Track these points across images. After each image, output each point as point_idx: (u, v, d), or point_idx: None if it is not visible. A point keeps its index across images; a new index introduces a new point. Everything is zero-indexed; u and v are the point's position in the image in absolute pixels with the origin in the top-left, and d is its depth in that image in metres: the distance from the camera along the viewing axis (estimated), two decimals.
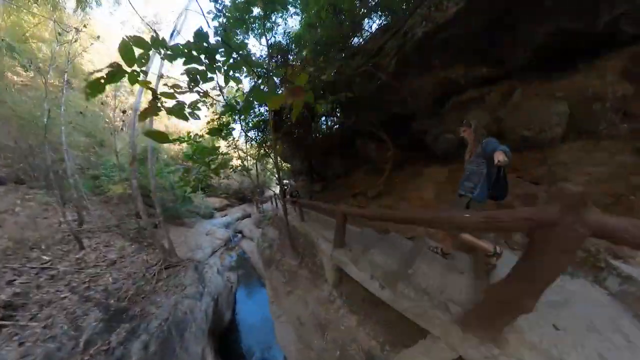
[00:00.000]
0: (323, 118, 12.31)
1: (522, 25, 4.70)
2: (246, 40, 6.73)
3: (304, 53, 8.80)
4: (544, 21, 4.48)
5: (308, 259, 6.49)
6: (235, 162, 23.67)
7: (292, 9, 8.89)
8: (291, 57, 9.49)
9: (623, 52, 4.23)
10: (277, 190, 20.59)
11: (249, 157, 23.03)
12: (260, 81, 6.16)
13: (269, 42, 8.30)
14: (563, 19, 4.31)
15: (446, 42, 5.38)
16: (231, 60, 2.24)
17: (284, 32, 9.98)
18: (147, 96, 2.30)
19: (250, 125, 11.14)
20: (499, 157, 2.39)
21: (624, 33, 4.12)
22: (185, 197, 19.56)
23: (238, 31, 6.76)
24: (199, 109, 2.30)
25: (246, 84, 11.49)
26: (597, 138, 4.27)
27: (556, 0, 4.20)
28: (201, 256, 12.61)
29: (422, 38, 5.61)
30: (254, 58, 8.86)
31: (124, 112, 12.29)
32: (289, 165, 31.18)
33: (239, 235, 17.81)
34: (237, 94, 11.02)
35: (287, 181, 25.34)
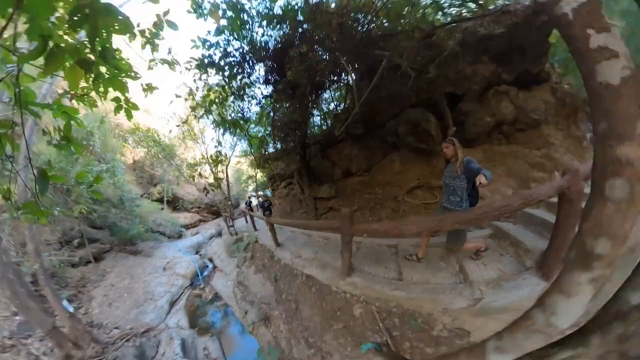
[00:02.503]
0: None
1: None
2: None
3: None
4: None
5: None
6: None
7: None
8: None
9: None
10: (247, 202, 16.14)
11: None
12: None
13: None
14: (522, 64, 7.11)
15: (493, 48, 6.67)
16: None
17: None
18: None
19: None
20: (482, 180, 2.65)
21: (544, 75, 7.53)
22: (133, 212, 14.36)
23: None
24: None
25: None
26: (555, 123, 7.15)
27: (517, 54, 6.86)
28: (153, 317, 7.89)
29: (479, 38, 6.55)
30: None
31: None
32: (260, 174, 26.64)
33: (209, 264, 12.92)
34: None
35: (260, 193, 20.86)
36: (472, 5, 6.55)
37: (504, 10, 6.30)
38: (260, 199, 16.46)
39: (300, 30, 6.22)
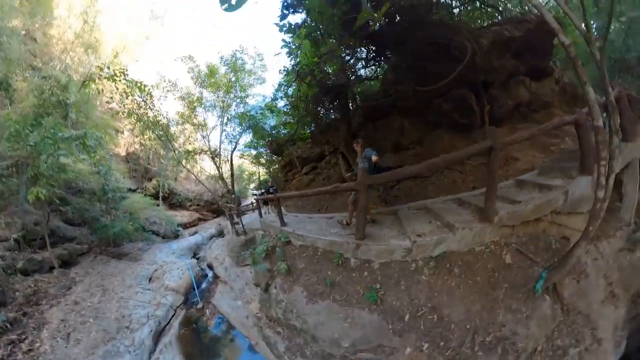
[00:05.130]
0: None
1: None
2: None
3: None
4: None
5: None
6: None
7: None
8: None
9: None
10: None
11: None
12: None
13: None
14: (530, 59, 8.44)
15: (513, 47, 7.79)
16: None
17: None
18: None
19: None
20: (374, 158, 4.48)
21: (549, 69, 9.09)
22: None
23: None
24: None
25: None
26: (560, 106, 8.51)
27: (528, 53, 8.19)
28: None
29: (504, 39, 7.65)
30: None
31: None
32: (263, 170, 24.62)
33: (209, 272, 10.02)
34: None
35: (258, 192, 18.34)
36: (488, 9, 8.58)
37: (523, 19, 7.87)
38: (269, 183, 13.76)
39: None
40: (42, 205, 9.00)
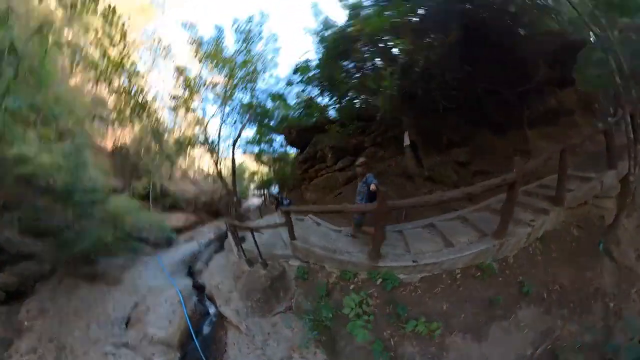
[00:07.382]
0: None
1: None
2: None
3: None
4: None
5: None
6: None
7: None
8: None
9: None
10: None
11: None
12: None
13: None
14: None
15: (549, 58, 8.51)
16: None
17: None
18: None
19: None
20: (373, 187, 4.74)
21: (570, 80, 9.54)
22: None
23: None
24: None
25: None
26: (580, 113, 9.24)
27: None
28: None
29: (544, 51, 8.34)
30: None
31: None
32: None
33: (211, 307, 7.30)
34: None
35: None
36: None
37: (562, 34, 8.40)
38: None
39: None
40: None
